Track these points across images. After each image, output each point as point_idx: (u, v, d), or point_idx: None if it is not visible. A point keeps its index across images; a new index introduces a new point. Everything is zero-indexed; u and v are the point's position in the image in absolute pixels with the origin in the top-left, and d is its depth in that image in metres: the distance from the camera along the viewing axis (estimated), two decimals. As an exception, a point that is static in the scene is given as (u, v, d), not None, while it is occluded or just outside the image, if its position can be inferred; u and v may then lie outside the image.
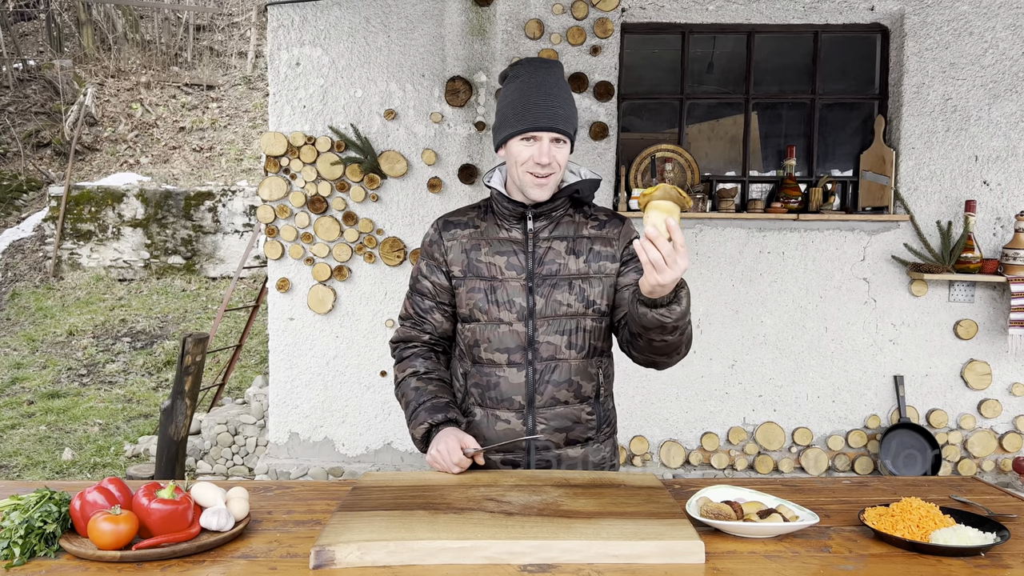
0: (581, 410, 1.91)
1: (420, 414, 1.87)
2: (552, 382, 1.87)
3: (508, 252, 1.89)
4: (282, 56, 4.46)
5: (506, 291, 1.87)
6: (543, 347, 1.86)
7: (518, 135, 1.82)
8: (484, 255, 1.90)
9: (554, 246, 1.89)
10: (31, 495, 1.46)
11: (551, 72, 1.88)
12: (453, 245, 1.93)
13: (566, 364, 1.87)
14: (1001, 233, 4.35)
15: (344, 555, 1.34)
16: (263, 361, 7.48)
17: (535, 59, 1.91)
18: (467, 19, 4.39)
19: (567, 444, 1.91)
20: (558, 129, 1.80)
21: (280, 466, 4.59)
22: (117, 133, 11.59)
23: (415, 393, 1.92)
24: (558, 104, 1.82)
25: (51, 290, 9.19)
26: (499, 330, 1.87)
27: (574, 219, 1.93)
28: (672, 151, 4.53)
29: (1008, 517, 1.61)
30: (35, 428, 6.07)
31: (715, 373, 4.51)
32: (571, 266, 1.87)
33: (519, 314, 1.86)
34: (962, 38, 4.28)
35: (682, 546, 1.36)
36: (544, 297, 1.86)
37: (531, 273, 1.87)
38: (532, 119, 1.80)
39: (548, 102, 1.82)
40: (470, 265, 1.91)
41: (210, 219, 9.56)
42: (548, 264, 1.87)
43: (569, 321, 1.87)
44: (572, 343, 1.87)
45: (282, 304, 4.56)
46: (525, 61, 1.91)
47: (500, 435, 1.88)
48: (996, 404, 4.40)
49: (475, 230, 1.94)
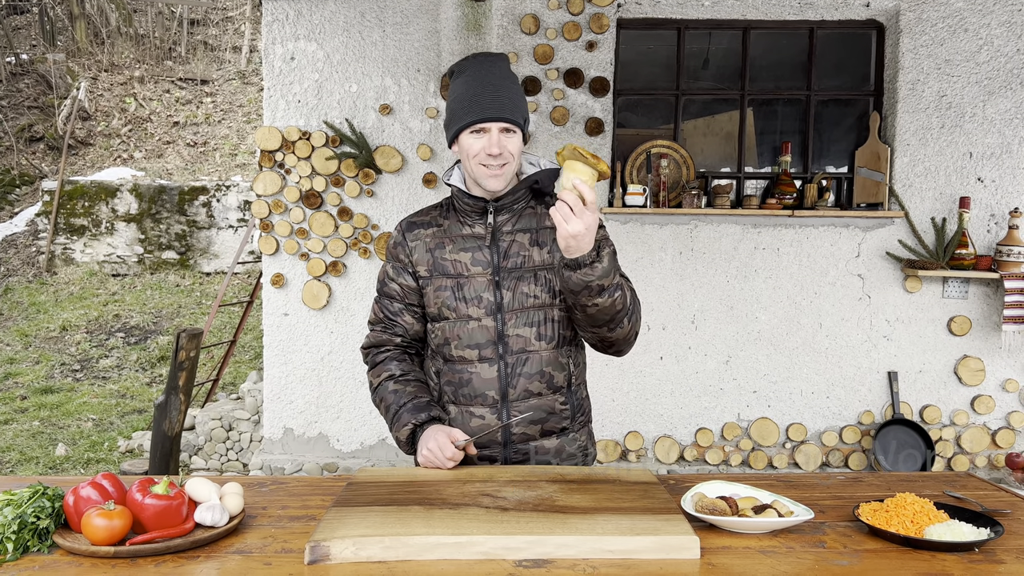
0: (555, 400, 1.91)
1: (402, 416, 1.88)
2: (524, 375, 1.87)
3: (472, 248, 1.90)
4: (277, 50, 4.44)
5: (473, 287, 1.88)
6: (513, 340, 1.87)
7: (467, 128, 1.83)
8: (449, 253, 1.91)
9: (518, 239, 1.89)
10: (24, 490, 1.45)
11: (496, 65, 1.88)
12: (417, 246, 1.94)
13: (537, 356, 1.87)
14: (995, 230, 4.36)
15: (339, 550, 1.34)
16: (257, 357, 7.46)
17: (481, 54, 1.92)
18: (462, 14, 4.38)
19: (543, 435, 1.92)
20: (506, 119, 1.81)
21: (275, 462, 4.59)
22: (110, 127, 11.54)
23: (394, 396, 1.92)
24: (505, 94, 1.83)
25: (44, 285, 9.16)
26: (468, 326, 1.88)
27: (536, 210, 1.93)
28: (668, 147, 4.53)
29: (1001, 512, 1.62)
30: (28, 423, 6.05)
31: (710, 369, 4.52)
32: (536, 258, 1.88)
33: (487, 309, 1.87)
34: (957, 35, 4.29)
35: (677, 541, 1.36)
36: (511, 291, 1.86)
37: (496, 267, 1.88)
38: (479, 111, 1.81)
39: (494, 93, 1.82)
40: (435, 264, 1.91)
41: (204, 214, 9.53)
42: (513, 257, 1.88)
43: (537, 313, 1.87)
44: (542, 334, 1.87)
45: (276, 299, 4.55)
46: (471, 56, 1.92)
47: (476, 431, 1.89)
48: (989, 400, 4.42)
49: (438, 229, 1.94)
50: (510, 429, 1.89)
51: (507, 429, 1.88)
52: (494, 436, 1.89)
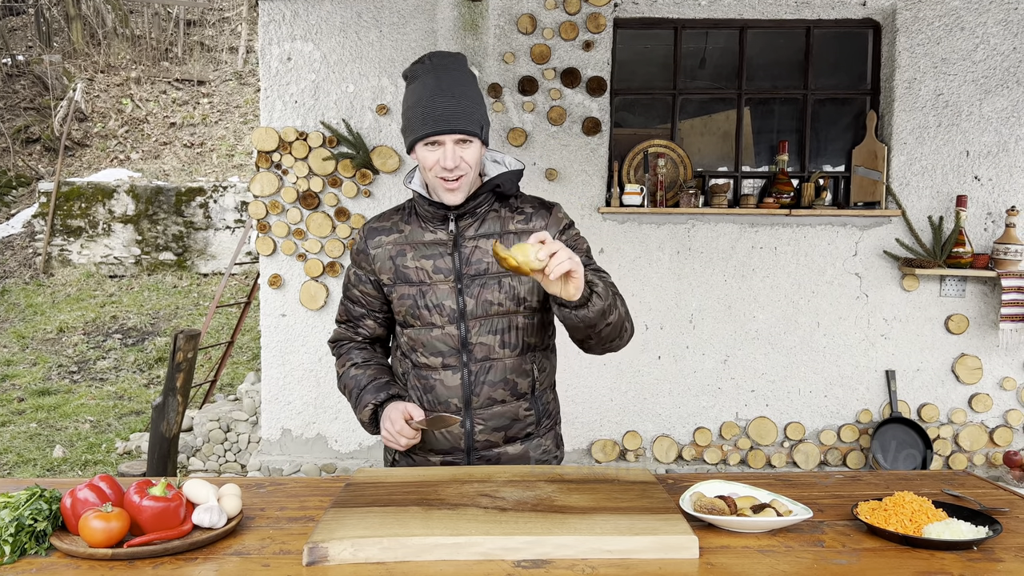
0: (518, 407, 1.90)
1: (363, 397, 1.89)
2: (488, 382, 1.86)
3: (435, 255, 1.85)
4: (273, 51, 4.43)
5: (436, 294, 1.84)
6: (477, 348, 1.85)
7: (422, 140, 1.77)
8: (411, 260, 1.86)
9: (481, 244, 1.84)
10: (21, 492, 1.45)
11: (450, 68, 1.78)
12: (379, 253, 1.90)
13: (500, 363, 1.86)
14: (992, 228, 4.37)
15: (337, 551, 1.33)
16: (255, 358, 7.45)
17: (437, 54, 1.82)
18: (459, 14, 4.38)
19: (506, 442, 1.91)
20: (461, 130, 1.73)
21: (273, 463, 4.58)
22: (107, 129, 11.52)
23: (354, 381, 1.93)
24: (460, 103, 1.74)
25: (41, 287, 9.14)
26: (432, 334, 1.86)
27: (499, 213, 1.87)
28: (665, 147, 4.53)
29: (1000, 511, 1.62)
30: (25, 425, 6.04)
31: (707, 368, 4.52)
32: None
33: (450, 317, 1.84)
34: (953, 33, 4.29)
35: (676, 541, 1.36)
36: (474, 298, 1.83)
37: (459, 274, 1.83)
38: (432, 123, 1.73)
39: (448, 102, 1.73)
40: (398, 272, 1.87)
41: (201, 215, 9.52)
42: (476, 264, 1.83)
43: (501, 320, 1.84)
44: (505, 342, 1.85)
45: (274, 300, 4.55)
46: (426, 58, 1.81)
47: (440, 437, 1.88)
48: (987, 398, 4.43)
49: (400, 235, 1.89)
50: (473, 436, 1.87)
51: (470, 436, 1.87)
52: (457, 445, 1.88)
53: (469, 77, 1.81)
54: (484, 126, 1.80)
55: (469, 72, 1.83)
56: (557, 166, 4.42)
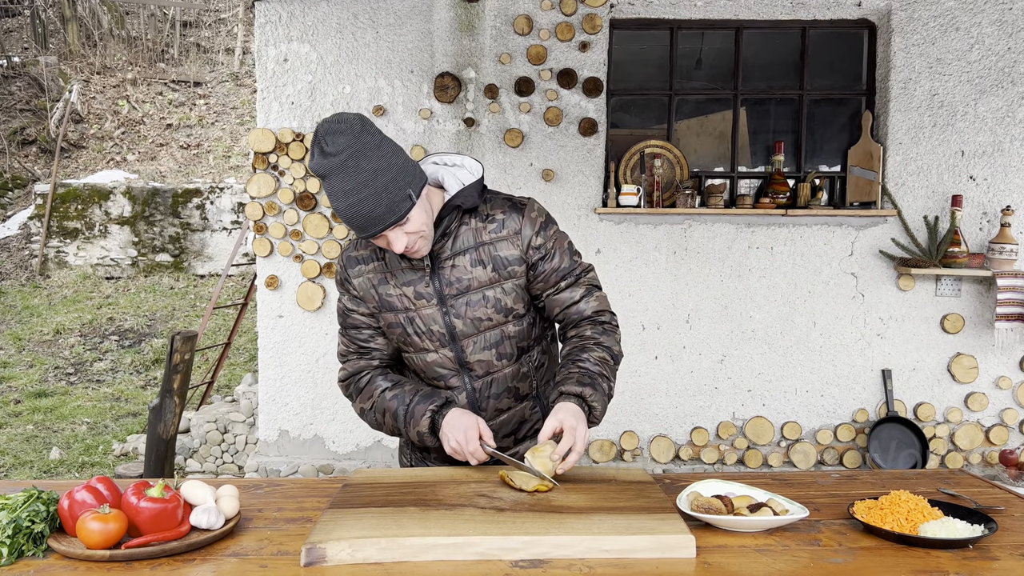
0: (524, 408, 1.94)
1: (415, 410, 1.82)
2: (492, 395, 1.88)
3: (414, 280, 1.81)
4: (270, 52, 4.43)
5: (422, 320, 1.82)
6: (476, 365, 1.85)
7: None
8: (392, 288, 1.83)
9: (458, 262, 1.80)
10: (19, 494, 1.45)
11: (347, 158, 1.60)
12: (361, 282, 1.87)
13: (501, 375, 1.87)
14: (987, 228, 4.38)
15: (335, 552, 1.34)
16: (252, 359, 7.45)
17: (328, 136, 1.61)
18: (456, 15, 4.38)
19: (517, 443, 1.96)
20: (386, 226, 1.65)
21: (270, 464, 4.58)
22: (103, 130, 11.51)
23: (396, 401, 1.85)
24: (372, 199, 1.61)
25: (37, 288, 9.13)
26: (427, 358, 1.86)
27: (471, 226, 1.82)
28: (661, 147, 4.54)
29: (995, 509, 1.62)
30: (22, 427, 6.02)
31: (704, 368, 4.53)
32: (480, 277, 1.80)
33: (441, 340, 1.83)
34: (948, 33, 4.31)
35: (673, 540, 1.36)
36: (461, 317, 1.81)
37: (442, 296, 1.81)
38: (360, 230, 1.66)
39: (361, 206, 1.61)
40: (381, 301, 1.85)
41: (198, 216, 9.51)
42: (456, 283, 1.80)
43: (493, 333, 1.84)
44: (502, 354, 1.86)
45: (271, 301, 4.55)
46: (320, 140, 1.62)
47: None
48: (983, 397, 4.44)
49: (379, 263, 1.86)
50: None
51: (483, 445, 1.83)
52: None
53: (372, 150, 1.62)
54: (412, 192, 1.66)
55: (369, 143, 1.63)
56: (554, 167, 4.42)
